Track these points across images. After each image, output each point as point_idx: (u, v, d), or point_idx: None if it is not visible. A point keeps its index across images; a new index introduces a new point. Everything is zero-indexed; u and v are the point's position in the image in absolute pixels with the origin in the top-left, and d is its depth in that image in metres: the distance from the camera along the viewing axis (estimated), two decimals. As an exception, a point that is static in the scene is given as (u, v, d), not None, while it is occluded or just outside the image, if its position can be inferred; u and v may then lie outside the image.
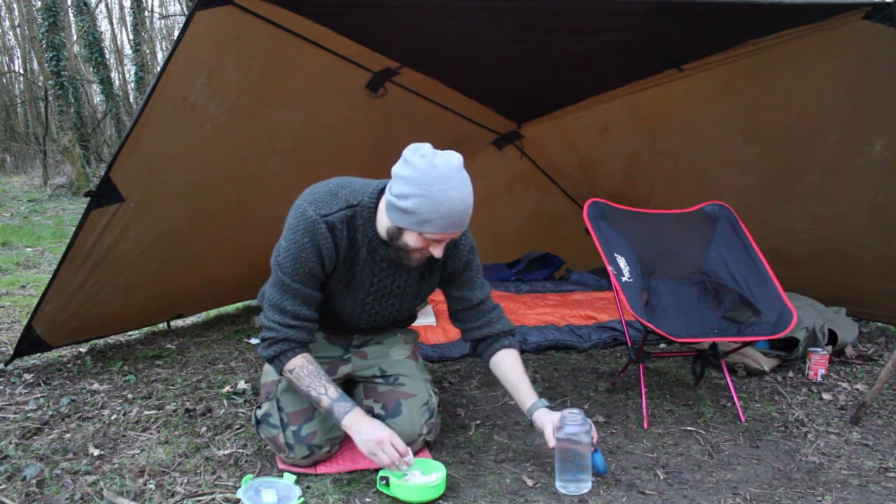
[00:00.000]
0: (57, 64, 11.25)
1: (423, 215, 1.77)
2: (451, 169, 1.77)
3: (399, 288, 2.09)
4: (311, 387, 1.94)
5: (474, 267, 2.15)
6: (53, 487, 1.96)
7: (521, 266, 4.68)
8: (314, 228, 1.90)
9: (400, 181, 1.79)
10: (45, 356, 3.17)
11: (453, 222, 1.80)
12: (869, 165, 2.96)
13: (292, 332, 1.96)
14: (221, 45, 2.61)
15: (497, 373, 2.15)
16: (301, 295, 1.95)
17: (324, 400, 1.93)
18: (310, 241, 1.90)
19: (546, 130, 4.40)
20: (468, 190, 1.81)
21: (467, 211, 1.82)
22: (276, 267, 1.94)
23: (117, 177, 2.65)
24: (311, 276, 1.95)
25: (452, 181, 1.76)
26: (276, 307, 1.96)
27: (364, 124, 3.51)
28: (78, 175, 11.44)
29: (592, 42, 2.97)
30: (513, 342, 2.17)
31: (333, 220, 1.92)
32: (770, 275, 2.57)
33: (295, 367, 1.96)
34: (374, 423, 1.93)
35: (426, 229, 1.80)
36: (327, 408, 1.93)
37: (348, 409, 1.92)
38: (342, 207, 1.93)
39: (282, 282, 1.94)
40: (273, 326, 1.96)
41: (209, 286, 3.67)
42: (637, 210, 2.84)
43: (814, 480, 2.00)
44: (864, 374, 2.90)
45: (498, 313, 2.19)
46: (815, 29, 2.66)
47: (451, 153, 1.81)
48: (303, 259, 1.91)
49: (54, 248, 6.63)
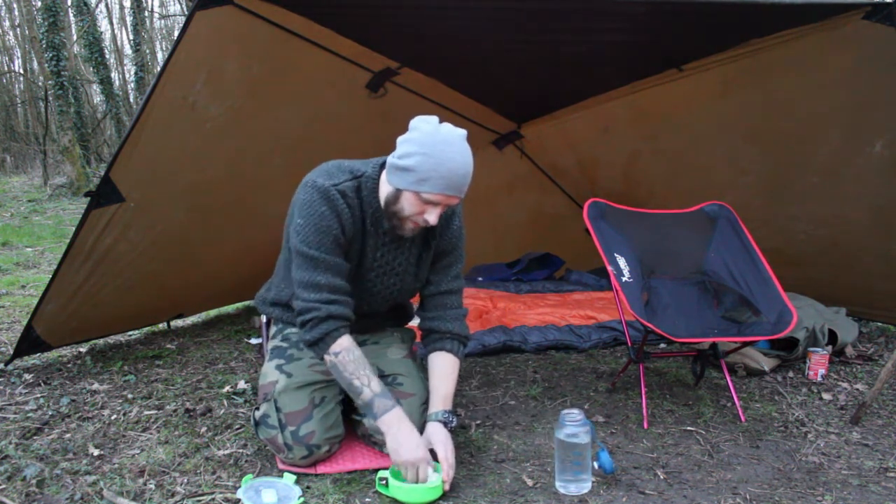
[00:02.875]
0: (57, 64, 11.26)
1: (423, 173, 1.81)
2: (455, 136, 1.84)
3: (400, 265, 2.10)
4: (354, 374, 1.91)
5: (458, 254, 2.16)
6: (53, 487, 1.96)
7: (521, 266, 4.68)
8: (329, 196, 1.92)
9: (404, 143, 1.86)
10: (45, 356, 3.17)
11: (451, 184, 1.82)
12: (869, 165, 2.96)
13: (335, 307, 1.92)
14: (221, 45, 2.61)
15: (428, 371, 2.12)
16: (333, 266, 1.93)
17: (366, 392, 1.91)
18: (328, 208, 1.91)
19: (546, 130, 4.40)
20: (469, 158, 1.86)
21: (466, 176, 1.85)
22: (301, 244, 1.91)
23: (117, 177, 2.65)
24: (336, 244, 1.94)
25: (455, 145, 1.83)
26: (310, 285, 1.92)
27: (364, 124, 3.51)
28: (78, 175, 11.45)
29: (592, 42, 2.97)
30: (455, 347, 2.12)
31: (343, 188, 1.95)
32: (770, 275, 2.57)
33: (341, 350, 1.92)
34: (413, 433, 1.90)
35: (424, 188, 1.82)
36: (367, 401, 1.91)
37: (389, 407, 1.91)
38: (349, 178, 1.97)
39: (309, 256, 1.91)
40: (313, 306, 1.91)
41: (209, 286, 3.67)
42: (637, 210, 2.84)
43: (814, 480, 2.00)
44: (864, 374, 2.90)
45: (456, 314, 2.15)
46: (815, 29, 2.66)
47: (457, 127, 1.87)
48: (325, 227, 1.91)
49: (54, 248, 6.63)
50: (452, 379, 2.09)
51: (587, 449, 1.91)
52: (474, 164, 1.88)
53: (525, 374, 2.98)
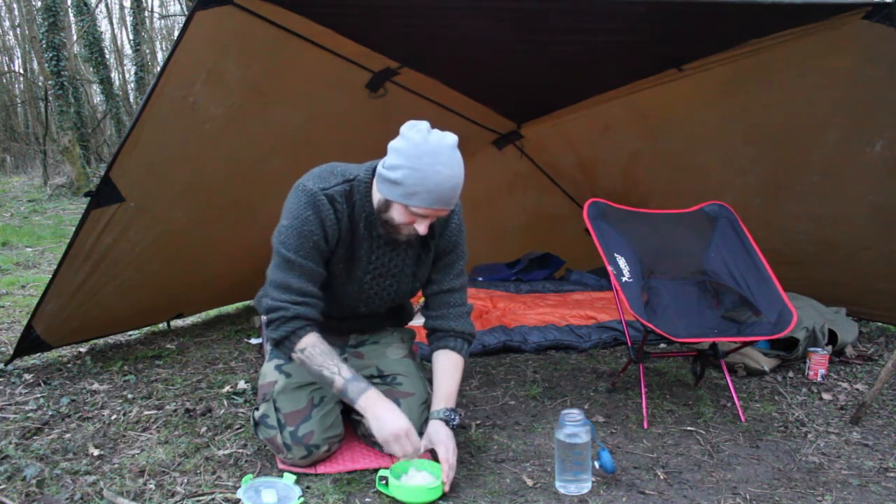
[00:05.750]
0: (57, 64, 11.25)
1: (410, 187, 1.80)
2: (444, 146, 1.80)
3: (396, 267, 2.09)
4: (323, 366, 1.91)
5: (459, 251, 2.15)
6: (53, 487, 1.96)
7: (521, 266, 4.68)
8: (315, 201, 1.91)
9: (392, 153, 1.84)
10: (45, 356, 3.17)
11: (439, 198, 1.81)
12: (869, 165, 2.96)
13: (302, 308, 1.93)
14: (221, 45, 2.61)
15: (432, 370, 2.12)
16: (307, 271, 1.94)
17: (337, 380, 1.91)
18: (312, 213, 1.91)
19: (546, 130, 4.40)
20: (458, 169, 1.83)
21: (454, 189, 1.83)
22: (280, 245, 1.93)
23: (117, 177, 2.65)
24: (315, 250, 1.94)
25: (443, 157, 1.79)
26: (282, 286, 1.93)
27: (364, 124, 3.50)
28: (78, 175, 11.45)
29: (592, 42, 2.97)
30: (459, 345, 2.12)
31: (333, 193, 1.94)
32: (770, 275, 2.57)
33: (306, 347, 1.93)
34: (392, 408, 1.92)
35: (412, 202, 1.82)
36: (341, 388, 1.91)
37: (363, 388, 1.91)
38: (340, 182, 1.96)
39: (286, 258, 1.92)
40: (281, 306, 1.92)
41: (209, 286, 3.67)
42: (637, 210, 2.84)
43: (814, 480, 1.99)
44: (864, 374, 2.90)
45: (460, 311, 2.15)
46: (815, 29, 2.66)
47: (447, 133, 1.84)
48: (306, 233, 1.91)
49: (54, 248, 6.63)
50: (456, 377, 2.09)
51: (587, 449, 1.91)
52: (474, 164, 1.89)
53: (525, 374, 2.98)
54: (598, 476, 1.98)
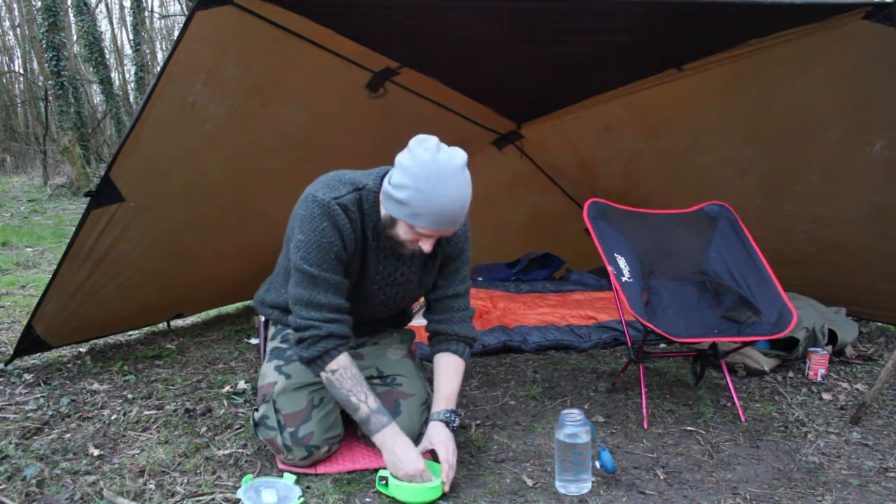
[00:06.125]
0: (57, 64, 11.25)
1: (415, 209, 1.78)
2: (452, 168, 1.77)
3: (403, 276, 2.08)
4: (351, 392, 1.91)
5: (465, 257, 2.14)
6: (53, 487, 1.96)
7: (521, 266, 4.68)
8: (330, 211, 1.89)
9: (399, 171, 1.81)
10: (45, 356, 3.17)
11: (444, 220, 1.80)
12: (869, 165, 2.96)
13: (335, 326, 1.92)
14: (221, 45, 2.60)
15: (433, 371, 2.12)
16: (333, 284, 1.92)
17: (363, 409, 1.91)
18: (329, 223, 1.89)
19: (546, 130, 4.40)
20: (465, 191, 1.81)
21: (461, 211, 1.82)
22: (301, 261, 1.90)
23: (117, 177, 2.64)
24: (337, 261, 1.92)
25: (450, 180, 1.76)
26: (310, 304, 1.91)
27: (364, 124, 3.51)
28: (78, 175, 11.45)
29: (592, 42, 2.97)
30: (461, 349, 2.12)
31: (345, 202, 1.92)
32: (770, 275, 2.57)
33: (339, 368, 1.92)
34: (409, 447, 1.91)
35: (417, 223, 1.81)
36: (364, 417, 1.92)
37: (384, 423, 1.91)
38: (350, 191, 1.94)
39: (309, 274, 1.90)
40: (313, 324, 1.90)
41: (209, 286, 3.67)
42: (637, 210, 2.84)
43: (814, 480, 2.00)
44: (864, 374, 2.90)
45: (463, 315, 2.15)
46: (815, 29, 2.66)
47: (457, 150, 1.81)
48: (326, 245, 1.89)
49: (54, 248, 6.63)
50: (456, 379, 2.09)
51: (587, 449, 1.91)
52: (475, 164, 1.88)
53: (525, 374, 2.98)
54: (598, 476, 1.98)
